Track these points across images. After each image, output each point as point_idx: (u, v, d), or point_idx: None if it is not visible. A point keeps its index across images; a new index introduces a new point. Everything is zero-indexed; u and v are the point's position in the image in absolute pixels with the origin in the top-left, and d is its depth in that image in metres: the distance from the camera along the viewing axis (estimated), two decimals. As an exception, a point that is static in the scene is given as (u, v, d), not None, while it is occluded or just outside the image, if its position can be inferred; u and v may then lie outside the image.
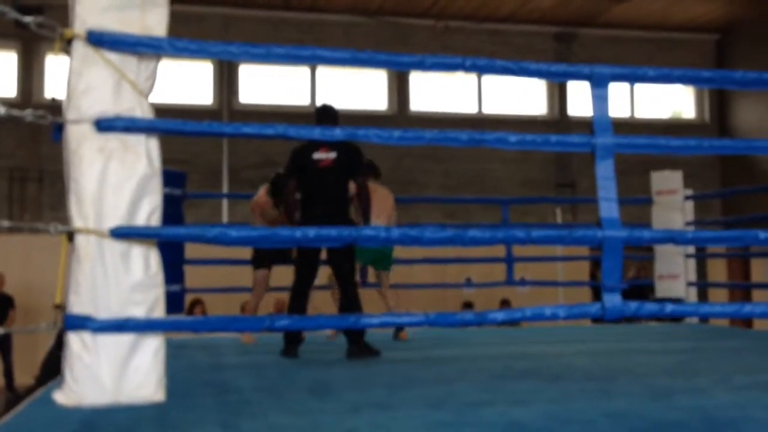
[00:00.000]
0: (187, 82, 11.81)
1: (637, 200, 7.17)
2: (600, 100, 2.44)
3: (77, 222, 2.07)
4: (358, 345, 4.38)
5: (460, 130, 2.45)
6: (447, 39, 12.20)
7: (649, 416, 2.84)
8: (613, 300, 2.36)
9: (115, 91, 2.13)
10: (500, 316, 2.32)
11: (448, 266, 10.33)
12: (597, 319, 3.81)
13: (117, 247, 2.06)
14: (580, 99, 12.83)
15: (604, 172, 2.40)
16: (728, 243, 2.47)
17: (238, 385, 3.60)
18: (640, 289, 9.33)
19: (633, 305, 2.38)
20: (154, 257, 2.12)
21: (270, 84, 12.12)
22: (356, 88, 12.43)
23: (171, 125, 2.18)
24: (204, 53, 2.18)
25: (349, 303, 4.41)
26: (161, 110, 2.26)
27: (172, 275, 6.01)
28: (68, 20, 2.16)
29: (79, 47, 2.11)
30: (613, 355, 4.80)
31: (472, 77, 12.71)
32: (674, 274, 6.77)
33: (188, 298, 8.74)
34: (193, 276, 7.43)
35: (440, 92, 12.72)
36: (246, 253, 8.22)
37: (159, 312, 2.10)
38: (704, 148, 2.45)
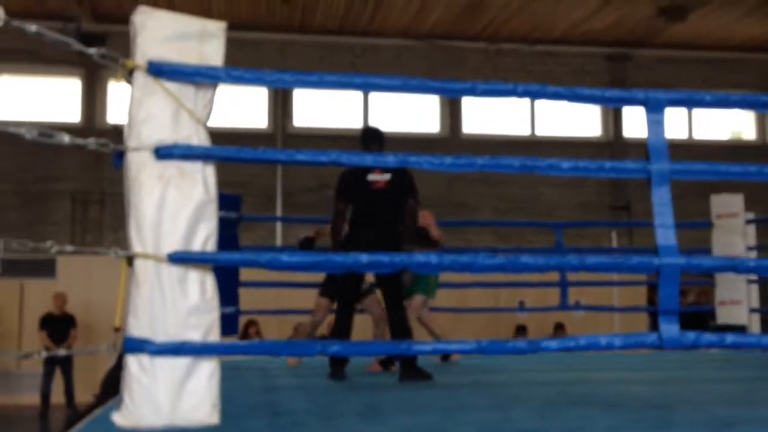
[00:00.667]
0: (242, 105, 12.04)
1: (696, 224, 7.02)
2: (656, 125, 2.41)
3: (136, 247, 2.13)
4: (410, 368, 4.32)
5: (512, 152, 2.44)
6: (499, 61, 12.19)
7: (710, 448, 2.75)
8: (670, 330, 2.31)
9: (174, 120, 2.19)
10: (554, 344, 2.29)
11: (501, 290, 10.25)
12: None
13: (174, 271, 2.11)
14: (635, 120, 12.64)
15: (661, 198, 2.36)
16: (791, 271, 2.40)
17: (290, 408, 3.61)
18: (700, 316, 9.08)
19: (691, 335, 2.32)
20: (210, 282, 2.16)
21: (324, 107, 12.27)
22: (408, 111, 12.48)
23: (226, 152, 2.23)
24: (259, 82, 2.22)
25: (400, 327, 4.34)
26: (216, 134, 2.32)
27: (227, 297, 6.08)
28: (129, 48, 2.23)
29: (140, 77, 2.18)
30: (672, 383, 4.67)
31: (526, 100, 12.66)
32: (736, 300, 6.58)
33: (243, 320, 8.87)
34: (248, 298, 7.56)
35: (493, 114, 12.69)
36: (299, 276, 8.30)
37: (214, 336, 2.14)
38: (765, 174, 2.39)
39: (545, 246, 9.99)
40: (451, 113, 12.48)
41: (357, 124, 12.23)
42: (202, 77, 2.20)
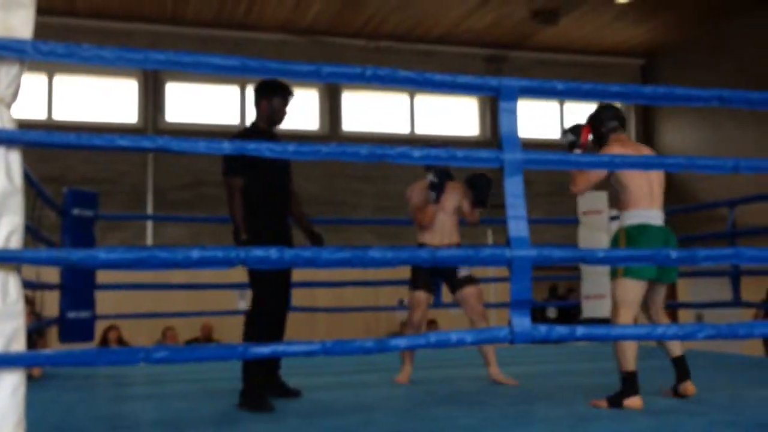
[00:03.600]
0: (111, 99, 11.43)
1: (563, 221, 7.17)
2: (508, 114, 2.33)
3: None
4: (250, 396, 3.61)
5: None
6: (380, 59, 12.13)
7: (565, 445, 2.73)
8: (522, 324, 2.23)
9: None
10: (402, 343, 2.17)
11: (381, 289, 10.18)
12: (543, 341, 3.64)
13: (-29, 272, 1.83)
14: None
15: (513, 189, 2.28)
16: (638, 262, 2.39)
17: (135, 419, 3.35)
18: (569, 311, 9.34)
19: (543, 329, 2.25)
20: (13, 284, 1.90)
21: (198, 102, 11.83)
22: (289, 108, 12.23)
23: (35, 137, 1.97)
24: (73, 58, 1.98)
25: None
26: (83, 128, 2.05)
27: (81, 301, 5.70)
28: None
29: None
30: (539, 378, 4.71)
31: (406, 98, 12.68)
32: (600, 294, 6.76)
33: (103, 325, 8.38)
34: (109, 302, 7.12)
35: (374, 113, 12.64)
36: (169, 276, 7.91)
37: (18, 345, 1.88)
38: (616, 164, 2.37)
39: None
40: (331, 110, 12.34)
41: (233, 120, 11.87)
42: (5, 51, 1.93)
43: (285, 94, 4.14)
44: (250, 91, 11.88)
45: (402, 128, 12.73)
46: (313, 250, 2.12)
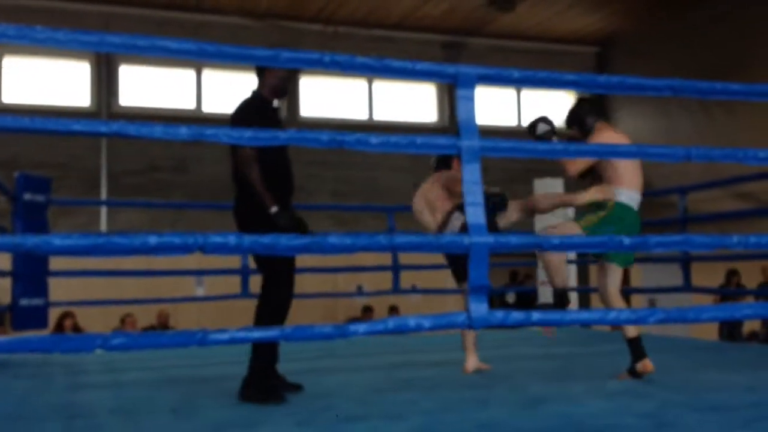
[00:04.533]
0: (63, 82, 11.17)
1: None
2: (466, 101, 2.36)
3: None
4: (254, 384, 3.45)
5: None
6: (336, 44, 12.07)
7: (520, 426, 2.78)
8: (479, 309, 2.27)
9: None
10: (361, 328, 2.19)
11: (339, 275, 10.20)
12: (503, 326, 3.72)
13: None
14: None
15: (470, 176, 2.31)
16: (593, 248, 2.44)
17: (92, 408, 3.31)
18: (528, 296, 9.47)
19: (499, 314, 2.29)
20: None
21: (153, 86, 11.64)
22: (245, 93, 12.10)
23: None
24: (25, 40, 1.93)
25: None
26: (34, 111, 2.00)
27: (33, 288, 5.60)
28: None
29: None
30: (495, 362, 4.78)
31: (364, 84, 12.65)
32: (556, 279, 6.86)
33: (58, 312, 8.24)
34: (63, 289, 7.00)
35: (332, 98, 12.59)
36: (124, 263, 7.80)
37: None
38: (570, 152, 2.41)
39: (383, 230, 10.04)
40: (291, 95, 12.25)
41: (190, 105, 11.72)
42: (-46, 32, 1.88)
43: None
44: (206, 74, 11.77)
45: (360, 114, 12.71)
46: (272, 236, 2.12)
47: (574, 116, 4.05)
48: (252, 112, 3.57)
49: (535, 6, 12.03)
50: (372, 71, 2.30)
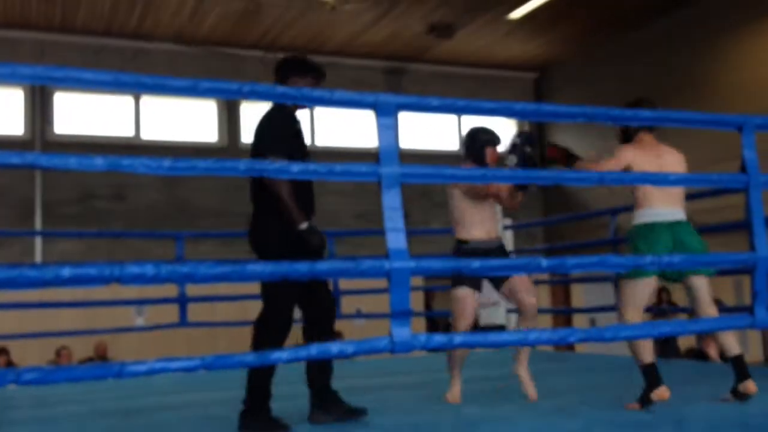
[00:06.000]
0: (-4, 110, 10.92)
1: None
2: (386, 129, 2.39)
3: None
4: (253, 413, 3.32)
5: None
6: (279, 71, 12.08)
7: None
8: (402, 333, 2.29)
9: None
10: (284, 355, 2.19)
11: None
12: (433, 349, 3.57)
13: None
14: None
15: (391, 202, 2.34)
16: (514, 271, 2.50)
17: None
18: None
19: (422, 338, 2.32)
20: None
21: (90, 113, 11.45)
22: (185, 119, 12.01)
23: None
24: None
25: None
26: None
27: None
28: None
29: None
30: (430, 386, 4.80)
31: (305, 111, 12.66)
32: (495, 301, 6.96)
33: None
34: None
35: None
36: (61, 294, 7.61)
37: None
38: (488, 177, 2.47)
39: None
40: (230, 122, 12.20)
41: (128, 132, 11.56)
42: None
43: (318, 76, 3.57)
44: (144, 101, 11.61)
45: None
46: (191, 264, 2.11)
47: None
48: (277, 126, 3.35)
49: (474, 34, 12.27)
50: (291, 100, 2.33)
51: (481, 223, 3.99)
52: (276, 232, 3.32)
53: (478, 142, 4.04)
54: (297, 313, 3.44)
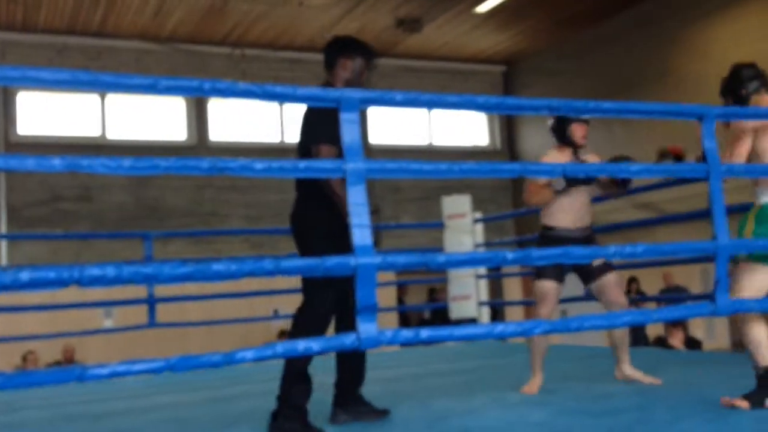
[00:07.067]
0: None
1: (428, 225, 7.35)
2: (350, 124, 2.38)
3: None
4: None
5: (262, 159, 2.28)
6: (246, 67, 12.02)
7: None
8: (368, 330, 2.29)
9: None
10: (249, 354, 2.17)
11: (255, 299, 10.08)
12: (405, 344, 3.59)
13: None
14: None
15: (356, 198, 2.33)
16: (477, 264, 2.51)
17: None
18: (438, 312, 9.58)
19: (389, 333, 2.32)
20: None
21: (55, 113, 11.28)
22: (153, 117, 11.89)
23: None
24: None
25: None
26: None
27: None
28: None
29: None
30: (403, 381, 4.81)
31: (276, 107, 12.59)
32: (466, 295, 6.99)
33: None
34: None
35: (242, 122, 12.49)
36: (27, 298, 7.49)
37: None
38: (454, 171, 2.47)
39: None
40: (198, 120, 12.10)
41: (95, 131, 11.41)
42: None
43: (370, 57, 3.38)
44: (109, 100, 11.46)
45: (272, 137, 12.66)
46: (155, 265, 2.09)
47: (728, 84, 3.41)
48: (324, 112, 3.02)
49: (442, 27, 12.29)
50: (254, 96, 2.31)
51: (568, 210, 3.98)
52: (322, 220, 3.22)
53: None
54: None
